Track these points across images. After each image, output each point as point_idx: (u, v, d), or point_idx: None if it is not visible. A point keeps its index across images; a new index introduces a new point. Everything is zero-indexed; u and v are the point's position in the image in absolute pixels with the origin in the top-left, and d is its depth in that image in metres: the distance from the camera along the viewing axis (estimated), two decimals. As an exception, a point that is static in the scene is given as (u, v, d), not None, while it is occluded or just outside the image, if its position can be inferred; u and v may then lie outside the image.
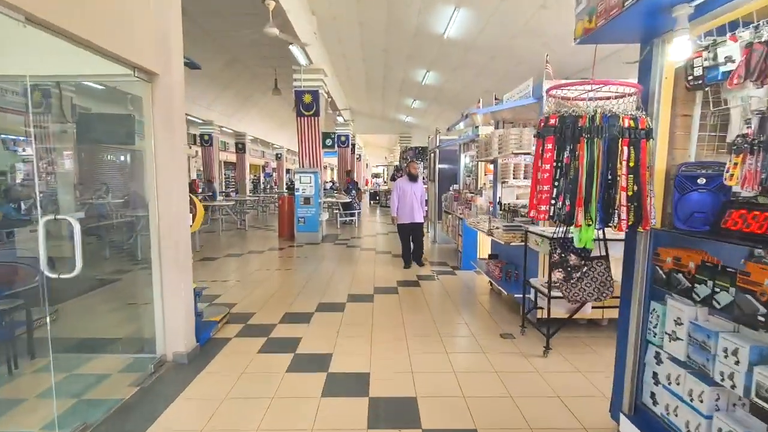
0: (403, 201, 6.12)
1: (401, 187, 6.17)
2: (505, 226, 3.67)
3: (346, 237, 9.66)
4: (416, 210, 6.13)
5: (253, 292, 4.97)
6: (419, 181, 6.26)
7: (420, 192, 6.19)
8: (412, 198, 6.08)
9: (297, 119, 8.96)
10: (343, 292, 4.99)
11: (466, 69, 10.46)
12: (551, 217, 1.92)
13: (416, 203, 6.12)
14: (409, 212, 6.11)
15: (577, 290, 2.09)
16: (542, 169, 1.93)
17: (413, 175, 6.20)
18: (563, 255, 2.14)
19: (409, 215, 6.12)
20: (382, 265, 6.58)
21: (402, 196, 6.13)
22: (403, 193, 6.13)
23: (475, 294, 5.01)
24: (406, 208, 6.11)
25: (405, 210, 6.12)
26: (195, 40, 11.61)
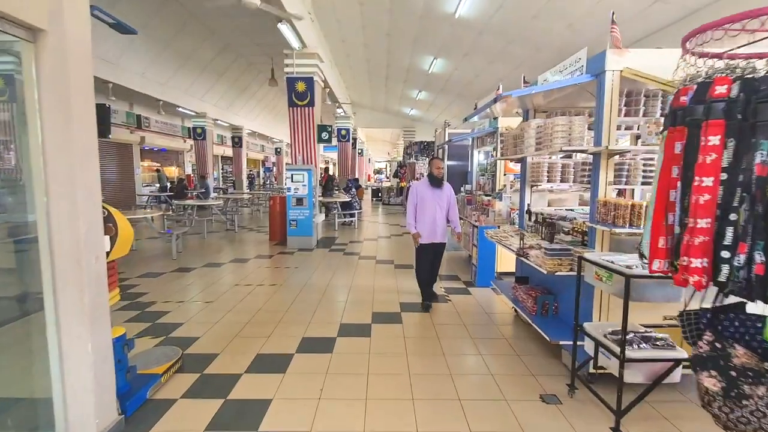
0: (423, 212, 4.40)
1: (419, 193, 4.38)
2: (550, 250, 2.71)
3: (344, 241, 8.72)
4: (439, 225, 4.38)
5: (224, 320, 4.04)
6: (445, 186, 4.46)
7: (447, 201, 4.42)
8: (434, 209, 4.37)
9: (289, 110, 8.00)
10: (333, 321, 4.05)
11: (478, 55, 9.42)
12: (720, 285, 0.95)
13: (440, 216, 4.38)
14: (431, 227, 4.36)
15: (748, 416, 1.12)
16: (698, 184, 0.97)
17: (437, 177, 4.38)
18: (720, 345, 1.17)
19: (430, 232, 4.37)
20: (383, 279, 5.64)
21: (421, 207, 4.39)
22: (422, 202, 4.38)
23: (496, 323, 4.06)
24: (426, 222, 4.37)
25: (426, 224, 4.37)
26: (184, 25, 10.66)
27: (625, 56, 2.54)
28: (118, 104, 14.88)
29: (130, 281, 5.38)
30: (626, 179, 2.73)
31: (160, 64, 11.89)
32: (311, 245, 7.87)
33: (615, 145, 2.61)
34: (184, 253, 7.29)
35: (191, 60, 12.61)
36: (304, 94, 7.93)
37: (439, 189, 4.41)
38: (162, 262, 6.46)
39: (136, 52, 10.72)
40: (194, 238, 8.89)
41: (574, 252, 2.70)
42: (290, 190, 7.69)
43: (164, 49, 11.34)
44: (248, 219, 12.79)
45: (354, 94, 17.33)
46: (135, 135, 16.10)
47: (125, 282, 5.32)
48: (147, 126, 16.74)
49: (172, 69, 12.55)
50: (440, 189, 4.41)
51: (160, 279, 5.53)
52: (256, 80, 16.05)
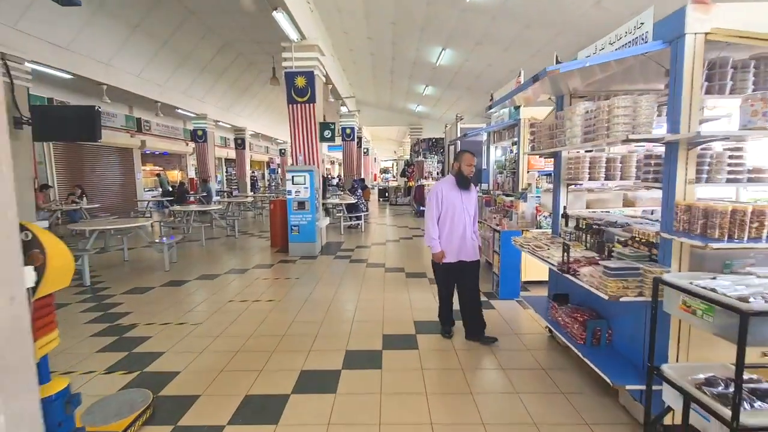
0: (448, 222, 3.35)
1: (444, 196, 3.37)
2: (613, 269, 2.09)
3: (351, 246, 8.15)
4: (470, 237, 3.41)
5: (211, 348, 3.48)
6: (472, 187, 3.48)
7: (475, 207, 3.50)
8: (464, 218, 3.36)
9: (288, 107, 7.44)
10: (338, 348, 3.47)
11: (491, 43, 8.77)
12: None
13: (470, 226, 3.41)
14: (459, 242, 3.37)
15: None
16: None
17: (466, 177, 3.36)
18: None
19: (459, 247, 3.39)
20: (394, 291, 5.06)
21: (445, 214, 3.36)
22: (448, 207, 3.35)
23: (528, 347, 3.45)
24: (455, 235, 3.36)
25: (453, 238, 3.36)
26: (181, 23, 10.15)
27: (712, 13, 1.92)
28: (117, 107, 14.47)
29: (113, 299, 4.86)
30: (707, 175, 2.11)
31: (157, 64, 11.42)
32: (315, 252, 7.31)
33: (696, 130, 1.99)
34: (179, 263, 6.77)
35: (190, 60, 12.13)
36: (304, 90, 7.37)
37: (467, 191, 3.41)
38: (153, 275, 5.95)
39: (130, 52, 10.25)
40: (192, 245, 8.40)
41: (645, 271, 2.08)
42: (291, 193, 7.13)
43: (161, 48, 10.86)
44: (251, 223, 12.29)
45: (358, 92, 16.76)
46: (135, 139, 15.71)
47: (107, 300, 4.81)
48: (148, 129, 16.35)
49: (170, 69, 12.08)
50: (468, 191, 3.42)
51: (148, 295, 5.01)
52: (258, 80, 15.55)
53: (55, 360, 3.26)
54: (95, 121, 7.96)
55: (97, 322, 4.09)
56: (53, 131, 8.02)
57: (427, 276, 5.77)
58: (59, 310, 4.48)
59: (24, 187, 7.92)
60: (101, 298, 4.90)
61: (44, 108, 8.31)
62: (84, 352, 3.42)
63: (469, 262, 3.46)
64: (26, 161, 8.12)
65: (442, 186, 3.46)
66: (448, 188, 3.42)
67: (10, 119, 7.62)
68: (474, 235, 3.47)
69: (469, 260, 3.45)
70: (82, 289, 5.25)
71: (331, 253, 7.54)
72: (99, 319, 4.19)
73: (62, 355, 3.36)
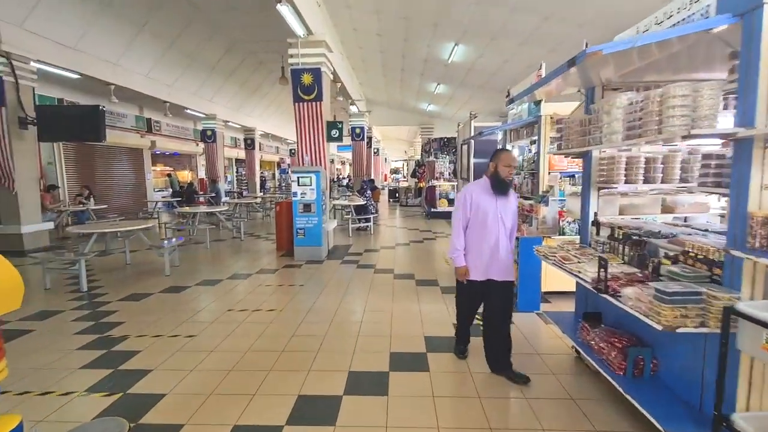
0: (477, 231, 2.86)
1: (475, 201, 2.86)
2: (669, 293, 1.70)
3: (359, 250, 7.84)
4: (503, 253, 2.87)
5: (203, 365, 3.20)
6: (512, 193, 2.95)
7: (513, 217, 2.94)
8: (497, 228, 2.84)
9: (295, 105, 7.16)
10: (340, 368, 3.14)
11: (507, 38, 8.36)
12: None
13: (504, 239, 2.88)
14: (490, 257, 2.85)
15: None
16: None
17: (504, 180, 2.81)
18: None
19: (489, 264, 2.86)
20: (403, 301, 4.71)
21: (478, 224, 2.85)
22: (478, 214, 2.85)
23: (553, 371, 3.07)
24: (485, 249, 2.85)
25: (482, 251, 2.86)
26: (188, 23, 9.98)
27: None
28: (127, 108, 14.45)
29: (108, 306, 4.63)
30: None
31: (165, 64, 11.30)
32: (321, 256, 7.01)
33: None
34: (182, 266, 6.55)
35: (198, 60, 12.00)
36: (310, 88, 7.08)
37: (505, 197, 2.85)
38: (153, 280, 5.72)
39: (138, 52, 10.13)
40: (197, 248, 8.19)
41: (709, 297, 1.70)
42: (296, 195, 6.84)
43: (168, 48, 10.73)
44: (259, 225, 12.08)
45: (368, 91, 16.47)
46: (145, 139, 15.67)
47: (102, 308, 4.58)
48: (158, 130, 16.32)
49: (179, 69, 11.97)
50: (506, 197, 2.86)
51: (144, 303, 4.76)
52: (268, 80, 15.38)
53: (35, 376, 3.02)
54: (100, 121, 7.82)
55: (87, 333, 3.85)
56: (58, 131, 7.90)
57: (438, 284, 5.41)
58: (52, 317, 4.27)
59: (29, 188, 7.83)
60: (96, 305, 4.67)
61: (49, 108, 8.21)
62: (67, 367, 3.17)
63: (500, 283, 2.89)
64: (31, 162, 8.02)
65: (472, 189, 2.92)
66: (481, 192, 2.87)
67: (15, 119, 7.52)
68: (509, 250, 2.93)
69: (500, 280, 2.88)
70: (78, 295, 5.04)
71: (339, 257, 7.23)
72: (90, 329, 3.95)
73: (44, 371, 3.11)
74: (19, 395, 2.78)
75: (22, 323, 4.11)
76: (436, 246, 8.24)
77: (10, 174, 7.39)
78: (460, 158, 8.11)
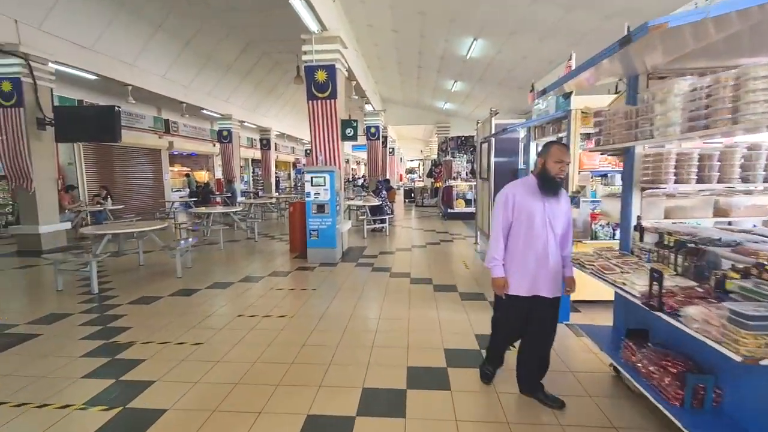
0: (522, 237, 2.44)
1: (518, 203, 2.44)
2: (750, 318, 1.40)
3: (374, 252, 7.60)
4: (552, 264, 2.45)
5: (208, 377, 3.01)
6: (563, 194, 2.50)
7: (566, 222, 2.51)
8: (544, 235, 2.42)
9: (308, 104, 6.98)
10: (353, 383, 2.91)
11: (528, 31, 8.00)
12: None
13: (554, 247, 2.45)
14: (535, 268, 2.44)
15: None
16: None
17: (552, 179, 2.39)
18: None
19: (534, 276, 2.45)
20: (421, 308, 4.45)
21: (523, 229, 2.44)
22: (522, 218, 2.44)
23: (589, 392, 2.76)
24: (530, 259, 2.44)
25: (526, 261, 2.45)
26: (203, 23, 9.93)
27: None
28: (146, 109, 14.62)
29: (117, 310, 4.52)
30: None
31: (181, 64, 11.32)
32: (335, 259, 6.81)
33: None
34: (194, 268, 6.44)
35: (213, 60, 11.99)
36: (324, 85, 6.89)
37: (554, 199, 2.42)
38: (164, 282, 5.62)
39: (154, 52, 10.15)
40: (211, 249, 8.11)
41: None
42: (309, 195, 6.65)
43: (184, 48, 10.73)
44: (273, 225, 11.98)
45: (383, 89, 16.23)
46: (163, 140, 15.84)
47: (111, 311, 4.46)
48: (175, 130, 16.48)
49: (195, 70, 11.98)
50: (555, 199, 2.43)
51: (154, 306, 4.64)
52: (283, 79, 15.32)
53: (36, 386, 2.89)
54: (115, 122, 7.80)
55: (93, 338, 3.73)
56: (75, 132, 7.92)
57: (457, 290, 5.13)
58: (60, 321, 4.17)
59: (47, 188, 7.89)
60: (105, 308, 4.57)
61: (66, 109, 8.26)
62: (70, 376, 3.03)
63: (548, 299, 2.49)
64: (49, 162, 8.08)
65: (516, 188, 2.49)
66: (525, 192, 2.44)
67: (33, 120, 7.57)
68: (562, 260, 2.50)
69: (549, 296, 2.48)
70: (88, 298, 4.96)
71: (353, 259, 7.01)
72: (96, 334, 3.82)
73: (45, 380, 2.98)
74: (17, 407, 2.64)
75: (30, 327, 4.02)
76: (454, 248, 7.93)
77: (28, 174, 7.44)
78: (480, 157, 7.78)
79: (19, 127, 7.36)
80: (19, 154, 7.38)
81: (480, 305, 4.54)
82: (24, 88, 7.36)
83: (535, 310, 2.52)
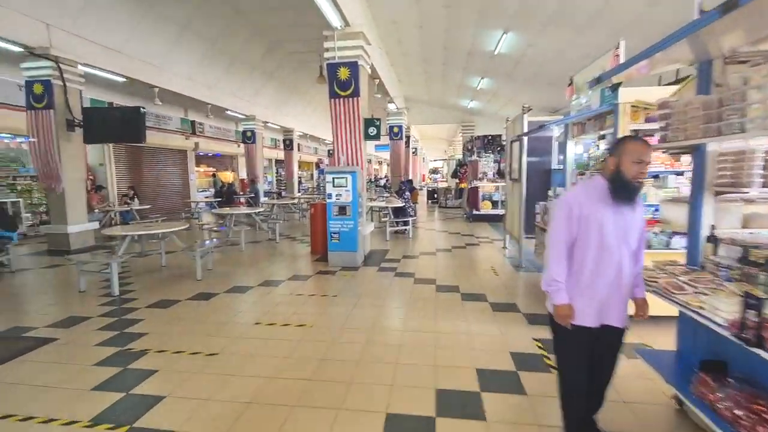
0: (590, 256, 1.93)
1: (585, 215, 1.92)
2: None
3: (397, 256, 7.31)
4: (625, 288, 1.99)
5: (221, 394, 2.80)
6: (639, 203, 2.04)
7: (640, 234, 2.01)
8: (618, 253, 1.93)
9: (330, 102, 6.76)
10: (375, 408, 2.62)
11: (563, 24, 7.52)
12: None
13: (628, 267, 1.97)
14: (606, 294, 1.96)
15: None
16: None
17: (629, 184, 1.87)
18: None
19: (602, 301, 1.96)
20: (449, 320, 4.13)
21: (585, 244, 1.93)
22: (591, 232, 1.92)
23: (647, 425, 2.38)
24: (598, 279, 1.94)
25: (596, 285, 1.95)
26: (229, 24, 9.95)
27: None
28: (173, 111, 14.89)
29: (135, 313, 4.42)
30: None
31: (207, 66, 11.39)
32: (356, 263, 6.56)
33: None
34: (214, 270, 6.35)
35: (238, 60, 12.02)
36: (347, 83, 6.65)
37: (629, 207, 1.95)
38: (184, 285, 5.52)
39: (181, 54, 10.23)
40: (232, 250, 8.03)
41: None
42: (330, 196, 6.43)
43: (209, 49, 10.78)
44: (295, 226, 11.88)
45: (407, 88, 15.91)
46: (190, 141, 16.10)
47: (129, 315, 4.37)
48: (201, 131, 16.74)
49: (220, 71, 12.04)
50: (630, 208, 1.95)
51: (172, 310, 4.52)
52: (307, 80, 15.26)
53: (44, 397, 2.76)
54: (140, 123, 7.84)
55: (108, 345, 3.61)
56: (102, 133, 8.02)
57: (487, 300, 4.77)
58: (78, 325, 4.10)
59: (76, 189, 8.02)
60: (124, 311, 4.49)
61: (94, 110, 8.37)
62: (79, 387, 2.90)
63: (616, 330, 2.03)
64: (79, 163, 8.22)
65: (580, 196, 1.97)
66: (592, 200, 1.93)
67: (63, 121, 7.71)
68: (632, 282, 2.04)
69: (620, 326, 2.03)
70: (108, 300, 4.90)
71: (375, 263, 6.75)
72: (111, 340, 3.71)
73: (55, 391, 2.85)
74: (23, 421, 2.50)
75: (49, 330, 3.96)
76: (481, 253, 7.54)
77: (57, 175, 7.57)
78: (510, 157, 7.35)
79: (50, 129, 7.50)
80: (49, 155, 7.52)
81: (513, 318, 4.17)
82: (54, 91, 7.49)
83: (600, 343, 2.04)
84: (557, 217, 2.01)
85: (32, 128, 7.55)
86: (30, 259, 7.29)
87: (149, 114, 13.13)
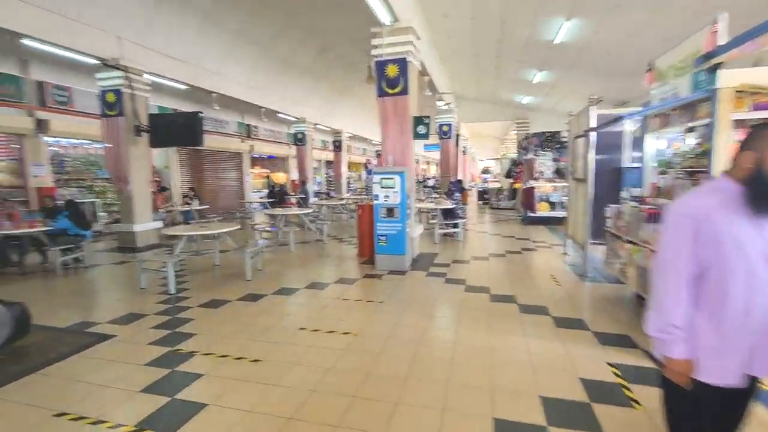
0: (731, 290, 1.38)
1: (713, 231, 1.39)
2: None
3: (446, 260, 6.95)
4: None
5: (261, 407, 2.67)
6: None
7: None
8: (764, 281, 1.37)
9: (378, 101, 6.57)
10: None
11: (637, 4, 6.71)
12: None
13: None
14: (753, 338, 1.39)
15: None
16: None
17: None
18: None
19: (747, 349, 1.41)
20: (505, 335, 3.73)
21: (717, 269, 1.40)
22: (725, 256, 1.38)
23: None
24: (747, 320, 1.38)
25: (736, 328, 1.39)
26: (282, 29, 10.19)
27: None
28: (230, 115, 15.62)
29: (187, 313, 4.51)
30: None
31: (260, 71, 11.76)
32: (404, 266, 6.31)
33: None
34: (264, 270, 6.41)
35: (290, 64, 12.28)
36: (395, 80, 6.42)
37: None
38: (234, 285, 5.61)
39: (236, 60, 10.63)
40: (281, 250, 8.14)
41: None
42: (378, 198, 6.24)
43: (263, 55, 11.11)
44: (344, 227, 11.89)
45: (457, 84, 15.37)
46: (245, 143, 16.83)
47: (181, 314, 4.47)
48: (256, 134, 17.44)
49: (272, 75, 12.38)
50: None
51: (221, 311, 4.57)
52: (355, 81, 15.29)
53: (95, 396, 2.81)
54: (198, 127, 8.20)
55: (159, 344, 3.68)
56: (165, 138, 8.49)
57: (549, 313, 4.29)
58: (135, 322, 4.25)
59: (142, 190, 8.58)
60: (177, 310, 4.61)
61: (158, 116, 8.88)
62: (127, 388, 2.93)
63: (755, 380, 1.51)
64: (145, 165, 8.78)
65: (703, 205, 1.45)
66: (723, 210, 1.41)
67: (131, 127, 8.27)
68: None
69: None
70: (165, 298, 5.08)
71: (423, 267, 6.45)
72: (163, 340, 3.78)
73: (107, 391, 2.90)
74: (74, 420, 2.55)
75: (109, 327, 4.14)
76: (539, 259, 6.95)
77: (126, 177, 8.13)
78: (573, 155, 6.70)
79: (119, 134, 8.06)
80: (119, 159, 8.09)
81: (581, 336, 3.68)
82: (124, 99, 8.04)
83: (740, 399, 1.50)
84: (673, 237, 1.49)
85: (106, 134, 8.17)
86: (102, 256, 7.89)
87: (209, 119, 13.87)
